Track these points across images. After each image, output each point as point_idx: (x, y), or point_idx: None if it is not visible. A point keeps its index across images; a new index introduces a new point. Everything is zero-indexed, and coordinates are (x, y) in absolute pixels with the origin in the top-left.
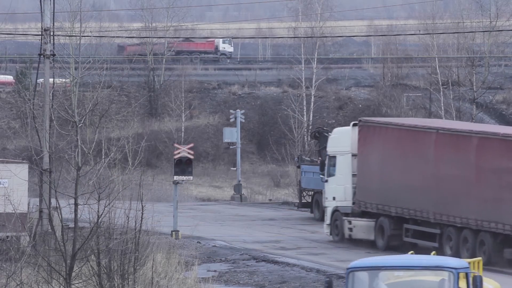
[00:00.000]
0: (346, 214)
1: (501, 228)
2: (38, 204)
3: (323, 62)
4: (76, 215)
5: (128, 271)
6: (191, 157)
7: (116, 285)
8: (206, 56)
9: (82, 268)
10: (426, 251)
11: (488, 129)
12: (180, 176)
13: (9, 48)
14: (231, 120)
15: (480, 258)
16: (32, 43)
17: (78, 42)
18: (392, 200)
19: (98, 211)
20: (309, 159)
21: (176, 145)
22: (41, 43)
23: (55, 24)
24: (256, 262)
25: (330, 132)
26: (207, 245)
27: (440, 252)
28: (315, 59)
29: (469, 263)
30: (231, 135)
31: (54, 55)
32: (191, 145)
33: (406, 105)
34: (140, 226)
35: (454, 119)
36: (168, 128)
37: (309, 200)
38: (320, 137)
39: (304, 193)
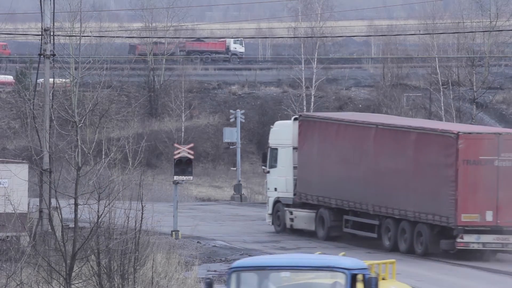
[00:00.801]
0: (288, 205)
1: (437, 220)
2: (38, 204)
3: (323, 62)
4: (76, 215)
5: (128, 271)
6: (191, 157)
7: (116, 285)
8: (218, 56)
9: (82, 268)
10: (365, 241)
11: (426, 125)
12: (180, 176)
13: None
14: (231, 120)
15: (393, 260)
16: (32, 43)
17: (78, 42)
18: (332, 192)
19: (98, 211)
20: None
21: (176, 145)
22: (41, 43)
23: (55, 24)
24: None
25: None
26: (207, 245)
27: (379, 242)
28: (315, 59)
29: (373, 264)
30: (231, 135)
31: (54, 55)
32: (191, 145)
33: (406, 105)
34: (140, 226)
35: (454, 119)
36: (168, 128)
37: None
38: None
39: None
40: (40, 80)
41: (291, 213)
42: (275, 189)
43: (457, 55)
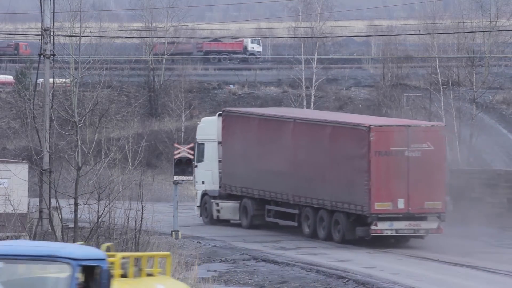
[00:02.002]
0: (214, 197)
1: (353, 208)
2: (38, 204)
3: (323, 62)
4: (76, 215)
5: None
6: (191, 157)
7: None
8: (235, 56)
9: None
10: (286, 229)
11: (341, 118)
12: (180, 176)
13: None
14: None
15: (167, 253)
16: (32, 43)
17: (78, 42)
18: (254, 183)
19: (98, 211)
20: None
21: (176, 145)
22: (41, 43)
23: (55, 24)
24: (256, 262)
25: None
26: (207, 245)
27: (299, 230)
28: (315, 59)
29: (143, 257)
30: None
31: (54, 55)
32: (191, 145)
33: (406, 105)
34: (140, 226)
35: (454, 119)
36: (168, 128)
37: None
38: None
39: None
40: (40, 80)
41: (217, 204)
42: (203, 182)
43: (457, 55)
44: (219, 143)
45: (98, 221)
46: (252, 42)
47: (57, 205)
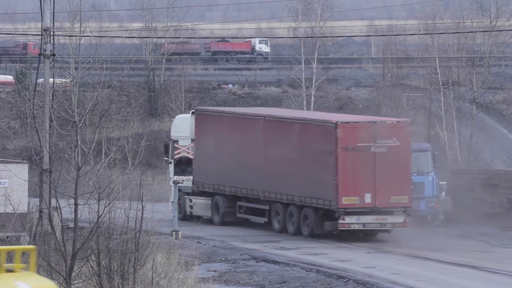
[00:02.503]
0: (188, 193)
1: (321, 203)
2: (38, 204)
3: (323, 62)
4: (76, 215)
5: (128, 271)
6: (191, 157)
7: (116, 285)
8: (243, 57)
9: (82, 268)
10: (257, 226)
11: (309, 116)
12: (180, 176)
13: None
14: None
15: (32, 247)
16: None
17: (78, 42)
18: (226, 180)
19: (98, 211)
20: None
21: (176, 145)
22: (41, 43)
23: (55, 24)
24: (256, 262)
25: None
26: (207, 245)
27: (269, 225)
28: (315, 59)
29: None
30: None
31: (54, 55)
32: (191, 145)
33: (406, 105)
34: (140, 226)
35: (454, 119)
36: (168, 128)
37: None
38: None
39: None
40: (40, 80)
41: (190, 200)
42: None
43: (457, 55)
44: (192, 140)
45: (98, 221)
46: (260, 43)
47: (57, 205)
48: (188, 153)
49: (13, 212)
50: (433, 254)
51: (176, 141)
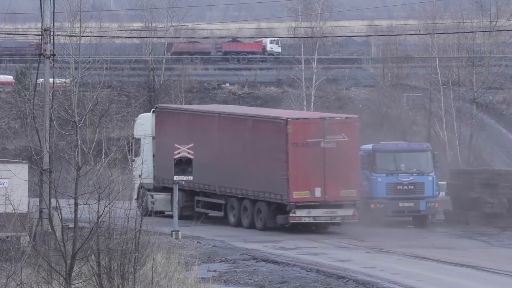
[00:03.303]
0: (149, 190)
1: (273, 197)
2: (38, 204)
3: (323, 62)
4: (76, 215)
5: (128, 271)
6: (191, 157)
7: (116, 285)
8: (254, 57)
9: (82, 268)
10: (214, 220)
11: (261, 112)
12: (180, 176)
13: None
14: None
15: None
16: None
17: (78, 42)
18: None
19: (98, 211)
20: None
21: (176, 145)
22: (41, 43)
23: (55, 24)
24: (256, 262)
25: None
26: (207, 245)
27: (225, 219)
28: (315, 59)
29: None
30: None
31: (54, 55)
32: (191, 145)
33: (406, 105)
34: (140, 226)
35: (455, 119)
36: None
37: None
38: None
39: None
40: (40, 80)
41: (152, 196)
42: (139, 176)
43: (457, 55)
44: (153, 138)
45: (98, 221)
46: (271, 42)
47: (57, 205)
48: (188, 153)
49: (13, 212)
50: (433, 254)
51: (139, 140)
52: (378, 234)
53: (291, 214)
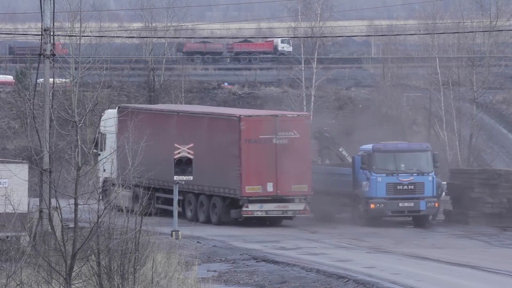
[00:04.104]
0: (113, 184)
1: (227, 192)
2: (38, 204)
3: (323, 62)
4: (76, 215)
5: (128, 271)
6: (191, 157)
7: (116, 285)
8: (265, 57)
9: (82, 268)
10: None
11: (216, 110)
12: (180, 176)
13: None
14: None
15: None
16: (32, 43)
17: (78, 42)
18: (145, 172)
19: (98, 211)
20: None
21: (176, 145)
22: (41, 43)
23: (55, 24)
24: (256, 262)
25: (330, 132)
26: (207, 245)
27: (183, 215)
28: (315, 59)
29: None
30: None
31: (54, 55)
32: (191, 145)
33: (406, 105)
34: (140, 226)
35: (455, 119)
36: None
37: None
38: (320, 137)
39: None
40: (40, 80)
41: (116, 193)
42: (104, 170)
43: (457, 55)
44: (117, 134)
45: (98, 221)
46: (282, 42)
47: (57, 205)
48: (188, 153)
49: (13, 212)
50: (433, 254)
51: (104, 135)
52: (378, 234)
53: (244, 208)
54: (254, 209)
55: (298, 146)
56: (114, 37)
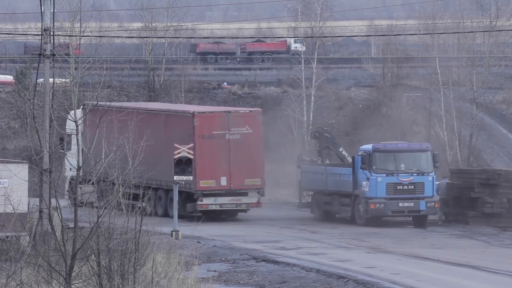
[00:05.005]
0: (80, 182)
1: (183, 187)
2: (38, 204)
3: (323, 62)
4: (76, 215)
5: (128, 271)
6: (191, 157)
7: (116, 285)
8: (278, 57)
9: (82, 268)
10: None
11: (173, 107)
12: (180, 176)
13: (9, 48)
14: None
15: None
16: (32, 43)
17: (78, 42)
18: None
19: (98, 211)
20: (309, 159)
21: (176, 145)
22: (41, 43)
23: (55, 24)
24: (256, 262)
25: (330, 132)
26: (207, 245)
27: (143, 210)
28: (315, 59)
29: None
30: None
31: (54, 55)
32: (191, 145)
33: (406, 105)
34: (140, 226)
35: (455, 119)
36: None
37: (309, 200)
38: (320, 137)
39: (304, 193)
40: (40, 80)
41: (80, 188)
42: (70, 169)
43: (457, 55)
44: (82, 133)
45: (98, 221)
46: (295, 42)
47: (57, 205)
48: (188, 153)
49: (13, 212)
50: (433, 254)
51: (70, 135)
52: (378, 234)
53: (199, 202)
54: (209, 202)
55: (250, 141)
56: (114, 37)
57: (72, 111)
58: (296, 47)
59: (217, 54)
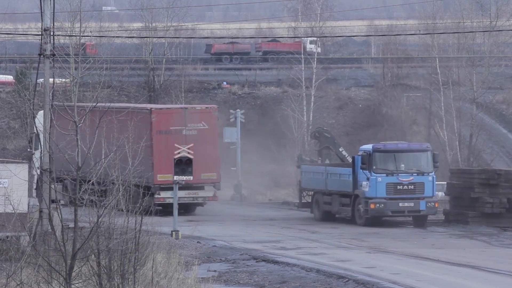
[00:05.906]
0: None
1: (145, 182)
2: (38, 204)
3: (323, 62)
4: (76, 215)
5: (128, 271)
6: (191, 157)
7: (116, 285)
8: (294, 57)
9: (82, 268)
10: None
11: (133, 105)
12: (180, 176)
13: (9, 48)
14: (231, 120)
15: None
16: (32, 43)
17: (78, 42)
18: (71, 166)
19: (98, 211)
20: (309, 159)
21: (176, 145)
22: (41, 43)
23: (55, 24)
24: (256, 262)
25: (330, 132)
26: (207, 245)
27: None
28: (315, 59)
29: None
30: (231, 135)
31: (54, 55)
32: (191, 145)
33: (406, 105)
34: (140, 226)
35: (455, 119)
36: None
37: (309, 200)
38: (320, 137)
39: (304, 193)
40: (40, 80)
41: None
42: (38, 168)
43: (457, 55)
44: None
45: (98, 221)
46: (310, 43)
47: (57, 205)
48: (188, 153)
49: (13, 212)
50: (433, 254)
51: (38, 134)
52: (378, 234)
53: (156, 196)
54: (166, 196)
55: (206, 137)
56: (114, 37)
57: (41, 111)
58: (311, 48)
59: (232, 54)
